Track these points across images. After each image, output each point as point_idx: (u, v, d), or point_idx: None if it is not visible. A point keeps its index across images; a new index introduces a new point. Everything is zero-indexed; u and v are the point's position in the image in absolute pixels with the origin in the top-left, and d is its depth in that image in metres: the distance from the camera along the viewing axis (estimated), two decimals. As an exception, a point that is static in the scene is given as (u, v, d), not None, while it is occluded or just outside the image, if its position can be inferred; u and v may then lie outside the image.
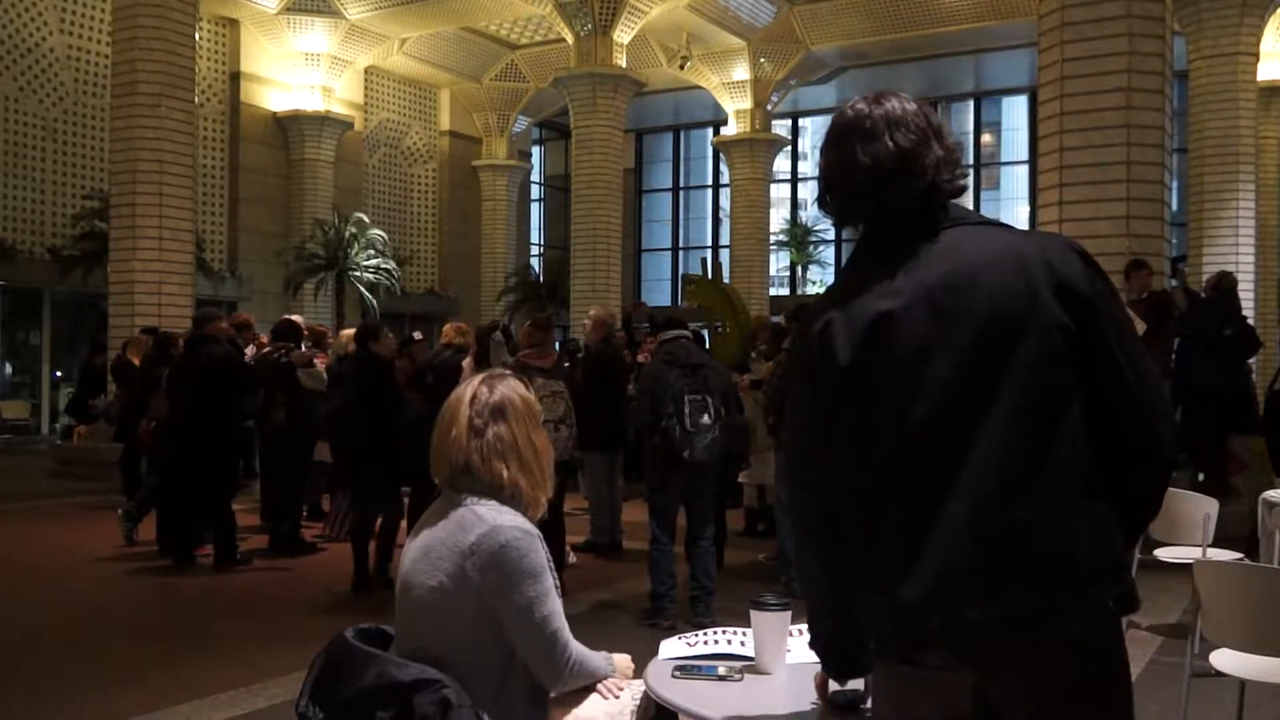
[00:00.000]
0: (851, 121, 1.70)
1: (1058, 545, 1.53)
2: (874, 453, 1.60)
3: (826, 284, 30.37)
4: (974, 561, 1.52)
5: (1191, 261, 13.68)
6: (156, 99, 12.50)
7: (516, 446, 2.26)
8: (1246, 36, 13.59)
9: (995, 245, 1.61)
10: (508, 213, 26.16)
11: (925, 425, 1.56)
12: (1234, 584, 3.24)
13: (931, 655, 1.56)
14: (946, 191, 1.67)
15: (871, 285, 1.62)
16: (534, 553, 2.19)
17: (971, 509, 1.53)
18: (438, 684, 2.07)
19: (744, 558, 7.41)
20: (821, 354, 1.64)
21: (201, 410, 7.04)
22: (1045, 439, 1.55)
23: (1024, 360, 1.55)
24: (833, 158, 1.72)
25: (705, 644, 2.47)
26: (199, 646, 5.33)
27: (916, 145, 1.65)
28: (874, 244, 1.69)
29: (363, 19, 20.49)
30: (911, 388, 1.57)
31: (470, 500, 2.23)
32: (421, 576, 2.20)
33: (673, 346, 5.70)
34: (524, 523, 2.23)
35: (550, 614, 2.21)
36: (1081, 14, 8.14)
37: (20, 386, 18.89)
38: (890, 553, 1.57)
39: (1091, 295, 1.58)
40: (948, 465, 1.55)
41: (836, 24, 21.45)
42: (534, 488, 2.27)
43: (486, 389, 2.29)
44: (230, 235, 21.03)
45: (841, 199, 1.72)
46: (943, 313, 1.58)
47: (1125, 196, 8.13)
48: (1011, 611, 1.51)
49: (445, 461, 2.26)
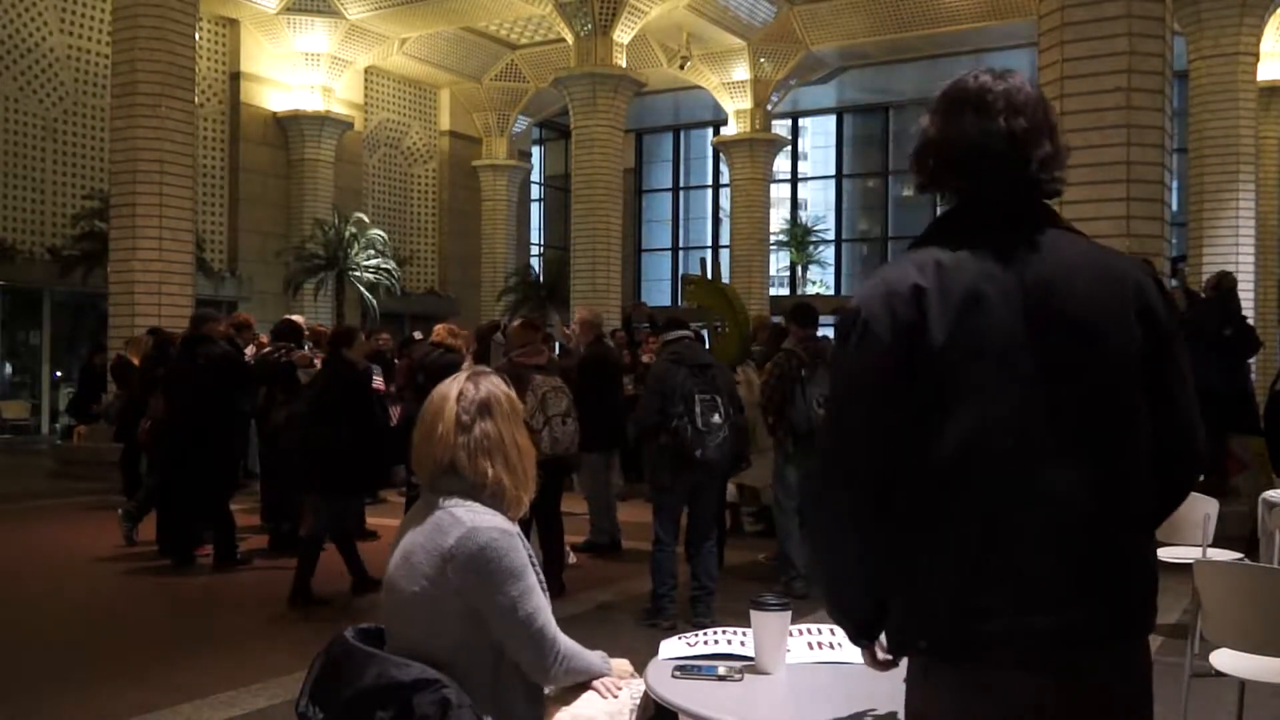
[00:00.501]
0: (972, 91, 1.65)
1: (1125, 560, 1.55)
2: (942, 441, 1.54)
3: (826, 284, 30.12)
4: (1046, 570, 1.51)
5: (1191, 261, 13.66)
6: (156, 99, 12.49)
7: (502, 444, 2.26)
8: (1246, 36, 13.58)
9: (1089, 255, 1.62)
10: (508, 213, 26.15)
11: (1002, 424, 1.53)
12: (1234, 584, 3.24)
13: (992, 659, 1.53)
14: (1045, 189, 1.65)
15: (968, 266, 1.58)
16: (514, 551, 2.19)
17: (1045, 517, 1.52)
18: (437, 684, 2.07)
19: (744, 558, 7.41)
20: (908, 322, 1.56)
21: (199, 410, 7.04)
22: (1118, 453, 1.56)
23: (1105, 373, 1.56)
24: (941, 122, 1.67)
25: (705, 644, 2.47)
26: (199, 646, 5.33)
27: (1028, 133, 1.62)
28: (967, 224, 1.64)
29: (363, 19, 20.49)
30: (991, 383, 1.54)
31: (449, 503, 2.22)
32: (403, 582, 2.21)
33: (679, 346, 5.72)
34: (503, 523, 2.22)
35: (534, 611, 2.20)
36: (1081, 14, 8.13)
37: (20, 386, 18.88)
38: (954, 552, 1.53)
39: (1167, 323, 1.62)
40: (1020, 469, 1.53)
41: (836, 24, 21.45)
42: (517, 486, 2.27)
43: (473, 386, 2.29)
44: (230, 235, 21.03)
45: (938, 165, 1.67)
46: (1034, 312, 1.56)
47: (1125, 196, 8.12)
48: (1081, 621, 1.52)
49: (430, 459, 2.26)
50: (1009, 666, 1.52)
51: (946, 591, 1.54)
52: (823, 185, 30.72)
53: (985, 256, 1.58)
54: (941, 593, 1.54)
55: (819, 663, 2.37)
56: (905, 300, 1.57)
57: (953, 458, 1.54)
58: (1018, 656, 1.52)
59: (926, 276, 1.57)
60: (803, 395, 6.24)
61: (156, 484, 7.79)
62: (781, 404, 6.33)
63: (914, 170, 1.71)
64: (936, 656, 1.57)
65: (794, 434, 6.30)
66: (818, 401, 6.21)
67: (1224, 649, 3.32)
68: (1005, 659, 1.52)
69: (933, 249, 1.62)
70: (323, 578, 6.23)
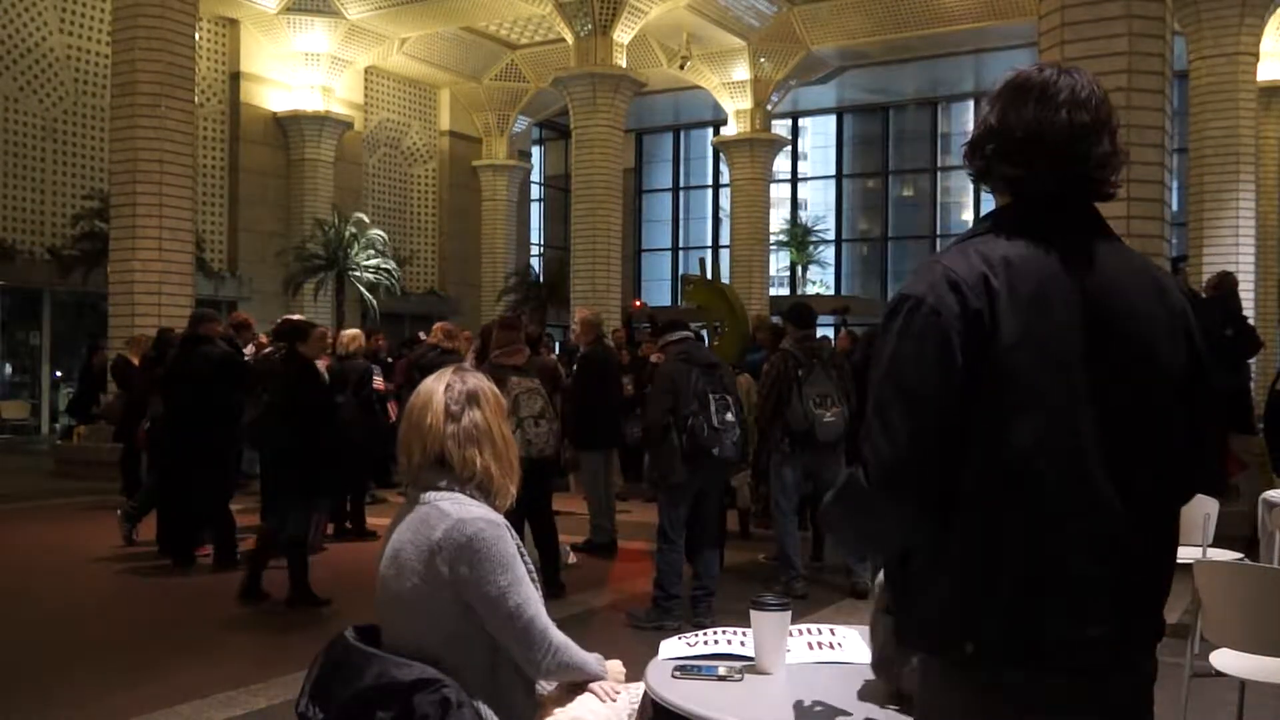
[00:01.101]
0: (1036, 81, 1.62)
1: (1161, 574, 1.59)
2: (1002, 445, 1.50)
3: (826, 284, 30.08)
4: (1098, 580, 1.52)
5: (1191, 261, 13.66)
6: (156, 99, 12.49)
7: (490, 434, 2.30)
8: (1246, 36, 13.58)
9: (1143, 272, 1.62)
10: (508, 213, 26.16)
11: (1059, 432, 1.51)
12: (1234, 584, 3.24)
13: (1044, 666, 1.52)
14: (1099, 190, 1.64)
15: (1033, 266, 1.54)
16: (502, 541, 2.21)
17: (1096, 528, 1.52)
18: (437, 684, 2.07)
19: (744, 558, 7.41)
20: (977, 311, 1.49)
21: (198, 411, 7.03)
22: (1161, 469, 1.58)
23: (1154, 392, 1.57)
24: (1001, 110, 1.63)
25: (705, 644, 2.47)
26: (199, 646, 5.33)
27: (1088, 128, 1.59)
28: (1025, 223, 1.60)
29: (363, 19, 20.49)
30: (1051, 389, 1.52)
31: (434, 496, 2.24)
32: (394, 581, 2.22)
33: (687, 346, 5.75)
34: (490, 514, 2.25)
35: (524, 602, 2.21)
36: (1081, 14, 8.13)
37: (20, 386, 18.88)
38: (1007, 559, 1.51)
39: (1201, 345, 1.63)
40: (1075, 479, 1.51)
41: (836, 24, 21.45)
42: (504, 475, 2.31)
43: (459, 379, 2.34)
44: (230, 235, 21.03)
45: (994, 153, 1.63)
46: (1092, 324, 1.54)
47: (1125, 196, 8.11)
48: (1130, 631, 1.55)
49: (418, 449, 2.27)
50: (1055, 672, 1.52)
51: (999, 596, 1.51)
52: (823, 185, 30.74)
53: (1051, 260, 1.56)
54: (994, 597, 1.52)
55: (819, 663, 2.37)
56: (974, 290, 1.50)
57: (1010, 464, 1.50)
58: (1071, 664, 1.51)
59: (996, 272, 1.52)
60: (799, 395, 6.26)
61: (156, 483, 7.79)
62: (778, 404, 6.35)
63: (969, 158, 1.68)
64: (987, 660, 1.52)
65: (790, 434, 6.32)
66: (814, 401, 6.25)
67: (1224, 649, 3.32)
68: (1057, 666, 1.51)
69: (998, 243, 1.57)
70: (323, 578, 6.23)
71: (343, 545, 8.03)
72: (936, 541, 1.55)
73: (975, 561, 1.52)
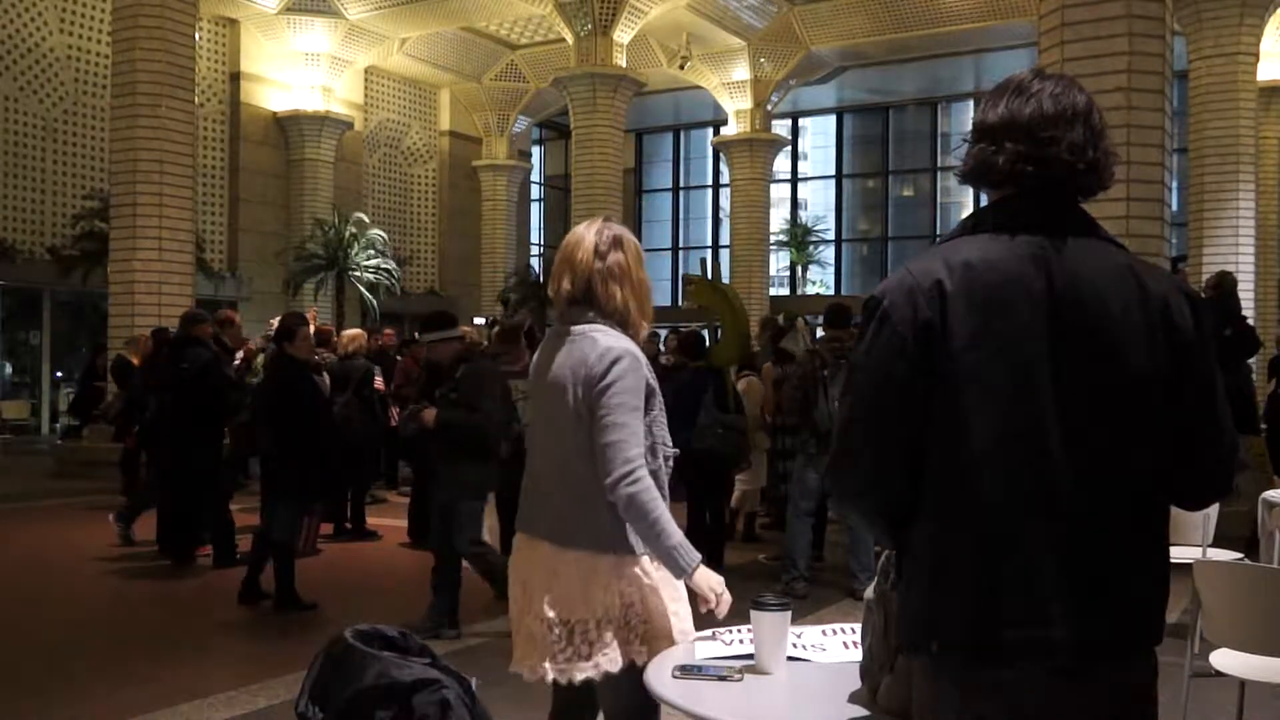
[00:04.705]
0: (1015, 81, 1.69)
1: (1132, 574, 1.56)
2: (959, 444, 1.54)
3: (826, 284, 30.17)
4: (1059, 580, 1.52)
5: (1191, 261, 13.66)
6: (156, 99, 12.48)
7: (630, 274, 2.56)
8: (1246, 36, 13.57)
9: (1124, 272, 1.60)
10: (508, 213, 26.15)
11: (1016, 431, 1.53)
12: (1234, 584, 3.24)
13: (1006, 664, 1.53)
14: (1081, 184, 1.65)
15: (999, 267, 1.56)
16: (637, 371, 2.46)
17: (1056, 529, 1.52)
18: (437, 684, 2.07)
19: (744, 558, 7.41)
20: (926, 320, 1.55)
21: (185, 415, 7.02)
22: (1124, 471, 1.56)
23: (1120, 394, 1.56)
24: (985, 108, 1.70)
25: (706, 644, 2.47)
26: (199, 646, 5.33)
27: (1058, 116, 1.62)
28: (1003, 222, 1.63)
29: (363, 19, 20.48)
30: (1008, 389, 1.53)
31: (585, 329, 2.51)
32: (547, 403, 2.53)
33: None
34: (633, 346, 2.50)
35: (624, 423, 2.40)
36: (1081, 14, 8.13)
37: (20, 386, 18.88)
38: (969, 558, 1.53)
39: (1194, 343, 1.59)
40: (1032, 478, 1.52)
41: (836, 24, 21.44)
42: (640, 312, 2.56)
43: (608, 227, 2.61)
44: (230, 235, 21.02)
45: (981, 150, 1.67)
46: (1060, 325, 1.55)
47: (1125, 196, 8.11)
48: (1095, 633, 1.53)
49: (568, 279, 2.53)
50: (1024, 671, 1.52)
51: (962, 596, 1.54)
52: (823, 185, 30.73)
53: (1018, 259, 1.57)
54: (956, 597, 1.54)
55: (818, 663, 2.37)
56: (927, 296, 1.56)
57: (968, 462, 1.53)
58: (1035, 665, 1.52)
59: (953, 275, 1.56)
60: (824, 395, 6.23)
61: (153, 483, 7.80)
62: (805, 405, 6.31)
63: (960, 171, 1.72)
64: (947, 656, 1.56)
65: (816, 434, 6.28)
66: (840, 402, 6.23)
67: (1224, 649, 3.32)
68: (1026, 666, 1.52)
69: (966, 244, 1.61)
70: (323, 578, 6.23)
71: (342, 545, 8.03)
72: (914, 543, 1.60)
73: (939, 563, 1.56)
